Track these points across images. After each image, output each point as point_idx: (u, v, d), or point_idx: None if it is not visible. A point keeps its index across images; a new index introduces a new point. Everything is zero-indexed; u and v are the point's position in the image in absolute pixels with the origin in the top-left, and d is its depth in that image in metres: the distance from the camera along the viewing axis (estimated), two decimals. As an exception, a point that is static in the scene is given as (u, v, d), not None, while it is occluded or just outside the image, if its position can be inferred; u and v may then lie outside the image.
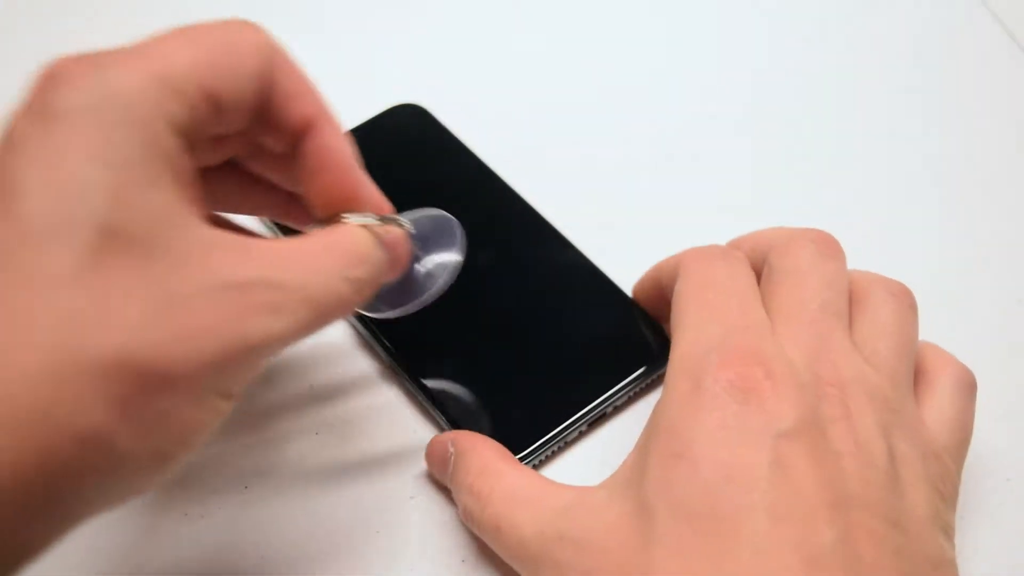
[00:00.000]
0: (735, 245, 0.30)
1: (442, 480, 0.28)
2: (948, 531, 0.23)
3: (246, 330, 0.19)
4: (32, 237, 0.17)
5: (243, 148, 0.25)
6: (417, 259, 0.27)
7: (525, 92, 0.42)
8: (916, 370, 0.26)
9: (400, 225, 0.25)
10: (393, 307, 0.27)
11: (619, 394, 0.30)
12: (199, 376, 0.18)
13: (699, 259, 0.27)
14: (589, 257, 0.34)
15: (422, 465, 0.29)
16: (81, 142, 0.18)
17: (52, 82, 0.19)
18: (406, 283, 0.27)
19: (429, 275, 0.27)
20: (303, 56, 0.24)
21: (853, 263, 0.28)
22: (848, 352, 0.24)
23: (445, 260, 0.27)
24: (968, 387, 0.26)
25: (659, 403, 0.24)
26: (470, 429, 0.28)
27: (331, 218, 0.24)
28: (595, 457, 0.30)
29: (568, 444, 0.30)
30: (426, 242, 0.27)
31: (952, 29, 0.45)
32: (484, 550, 0.27)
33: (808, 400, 0.22)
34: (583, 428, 0.30)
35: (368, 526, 0.28)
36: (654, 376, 0.31)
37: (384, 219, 0.24)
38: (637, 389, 0.31)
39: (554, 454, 0.30)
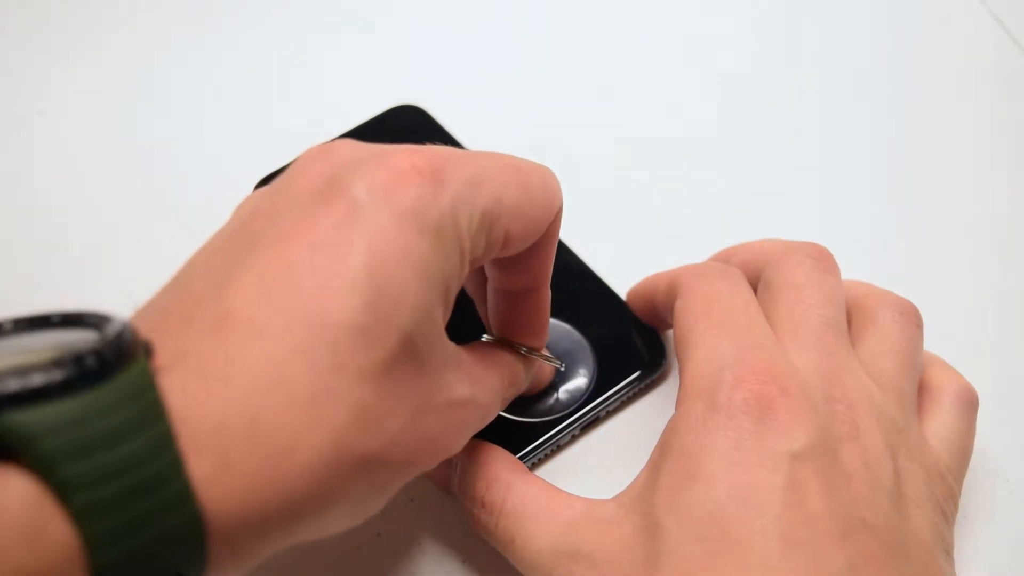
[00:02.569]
0: (725, 257, 0.30)
1: (445, 486, 0.28)
2: (949, 551, 0.23)
3: (452, 444, 0.22)
4: (353, 329, 0.18)
5: None
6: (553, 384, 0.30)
7: (524, 93, 0.42)
8: (920, 385, 0.26)
9: (553, 363, 0.28)
10: (518, 414, 0.30)
11: (613, 398, 0.30)
12: (408, 478, 0.21)
13: (698, 277, 0.27)
14: (585, 261, 0.34)
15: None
16: (410, 250, 0.19)
17: (412, 177, 0.19)
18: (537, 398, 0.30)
19: (558, 401, 0.30)
20: (306, 56, 0.24)
21: (851, 268, 0.28)
22: (854, 370, 0.24)
23: (577, 388, 0.30)
24: (971, 406, 0.26)
25: (672, 421, 0.24)
26: None
27: (500, 339, 0.26)
28: (589, 461, 0.30)
29: (561, 448, 0.30)
30: (563, 363, 0.30)
31: (952, 29, 0.45)
32: (484, 552, 0.28)
33: (820, 419, 0.22)
34: (576, 432, 0.30)
35: (368, 528, 0.28)
36: (648, 380, 0.31)
37: (544, 357, 0.27)
38: (632, 393, 0.31)
39: (547, 457, 0.30)
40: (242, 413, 0.17)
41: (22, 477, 0.15)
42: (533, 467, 0.29)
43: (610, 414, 0.31)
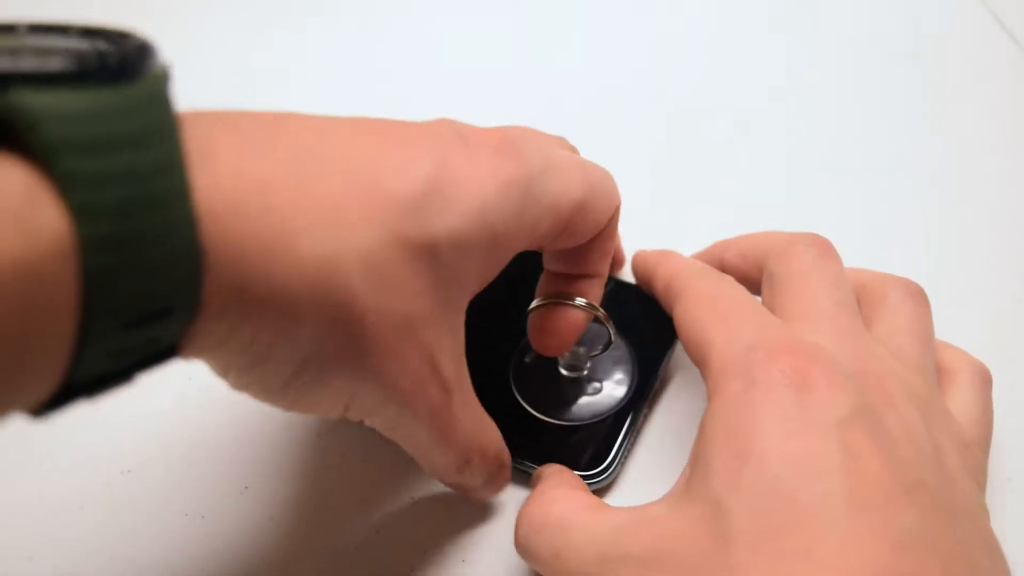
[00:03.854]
0: (722, 248, 0.30)
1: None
2: (988, 519, 0.24)
3: (408, 399, 0.22)
4: (400, 196, 0.20)
5: None
6: (589, 382, 0.30)
7: (521, 96, 0.42)
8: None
9: (610, 334, 0.29)
10: (528, 401, 0.30)
11: (662, 368, 0.31)
12: (363, 380, 0.21)
13: (697, 278, 0.27)
14: None
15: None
16: (486, 192, 0.21)
17: (505, 150, 0.22)
18: (574, 397, 0.30)
19: (591, 404, 0.30)
20: (311, 57, 0.24)
21: (853, 263, 0.28)
22: (874, 347, 0.24)
23: (621, 376, 0.30)
24: (987, 381, 0.27)
25: (709, 409, 0.23)
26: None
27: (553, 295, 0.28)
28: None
29: (638, 432, 0.30)
30: (603, 372, 0.31)
31: (952, 29, 0.45)
32: (484, 552, 0.27)
33: (857, 388, 0.22)
34: (646, 411, 0.30)
35: (368, 527, 0.28)
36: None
37: (599, 311, 0.28)
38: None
39: (632, 446, 0.30)
40: (266, 177, 0.18)
41: (24, 164, 0.14)
42: (627, 454, 0.29)
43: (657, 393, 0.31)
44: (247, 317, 0.18)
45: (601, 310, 0.28)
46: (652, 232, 0.37)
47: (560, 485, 0.25)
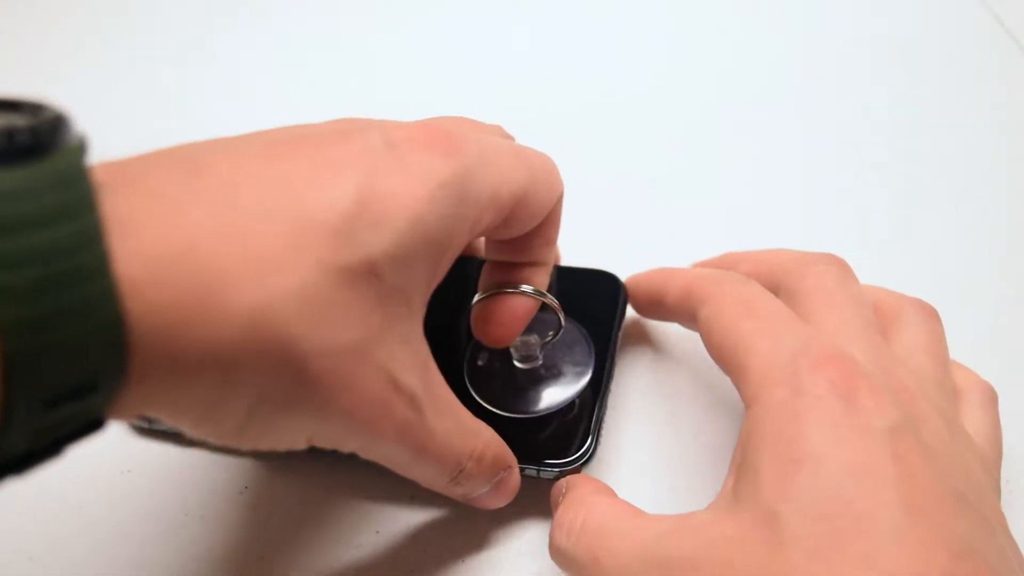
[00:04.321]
0: (732, 262, 0.30)
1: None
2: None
3: (373, 422, 0.21)
4: (327, 223, 0.19)
5: None
6: (547, 370, 0.29)
7: (515, 103, 0.42)
8: None
9: (558, 316, 0.28)
10: (493, 402, 0.29)
11: (618, 337, 0.31)
12: (319, 415, 0.20)
13: (722, 283, 0.27)
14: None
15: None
16: (416, 196, 0.20)
17: (430, 142, 0.21)
18: (528, 386, 0.29)
19: (555, 391, 0.29)
20: (310, 58, 0.24)
21: (859, 267, 0.28)
22: (901, 364, 0.25)
23: (580, 352, 0.30)
24: (995, 402, 0.27)
25: (752, 416, 0.23)
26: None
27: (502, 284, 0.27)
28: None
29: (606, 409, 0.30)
30: (559, 358, 0.30)
31: (952, 29, 0.45)
32: (484, 551, 0.27)
33: (897, 401, 0.22)
34: (611, 386, 0.30)
35: (368, 526, 0.28)
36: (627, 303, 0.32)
37: (549, 298, 0.27)
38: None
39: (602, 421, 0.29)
40: (187, 236, 0.17)
41: None
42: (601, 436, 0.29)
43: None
44: (183, 381, 0.17)
45: (549, 296, 0.27)
46: (653, 238, 0.37)
47: (597, 492, 0.25)
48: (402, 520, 0.28)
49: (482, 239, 0.29)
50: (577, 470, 0.28)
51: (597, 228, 0.36)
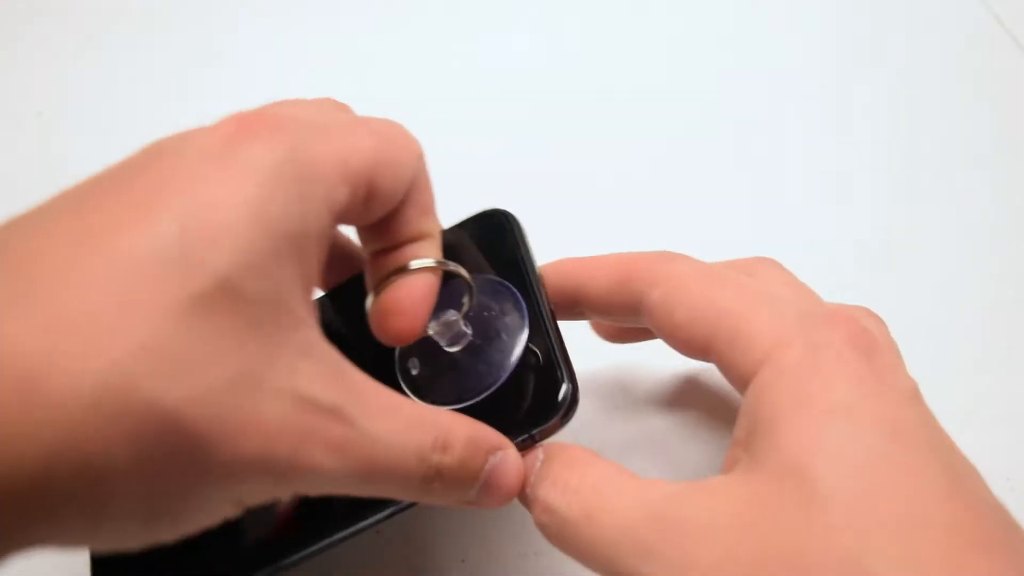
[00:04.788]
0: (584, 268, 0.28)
1: (521, 498, 0.24)
2: None
3: (299, 454, 0.18)
4: (154, 261, 0.16)
5: None
6: (483, 339, 0.26)
7: (494, 109, 0.42)
8: None
9: (463, 277, 0.24)
10: (450, 401, 0.25)
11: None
12: (229, 472, 0.17)
13: (666, 261, 0.25)
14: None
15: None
16: (246, 193, 0.18)
17: (244, 131, 0.19)
18: (465, 371, 0.26)
19: (503, 353, 0.26)
20: (312, 60, 0.24)
21: (849, 268, 0.28)
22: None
23: (509, 355, 0.26)
24: None
25: (762, 379, 0.22)
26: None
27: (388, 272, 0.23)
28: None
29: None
30: (488, 320, 0.26)
31: (952, 29, 0.45)
32: (483, 551, 0.27)
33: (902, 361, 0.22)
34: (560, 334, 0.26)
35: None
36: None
37: (444, 264, 0.24)
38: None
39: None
40: (7, 343, 0.15)
41: None
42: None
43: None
44: (36, 504, 0.15)
45: (446, 262, 0.24)
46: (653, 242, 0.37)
47: (590, 452, 0.23)
48: (401, 519, 0.28)
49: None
50: (572, 409, 0.25)
51: (598, 239, 0.36)
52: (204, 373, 0.16)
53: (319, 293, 0.28)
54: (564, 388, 0.25)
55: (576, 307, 0.27)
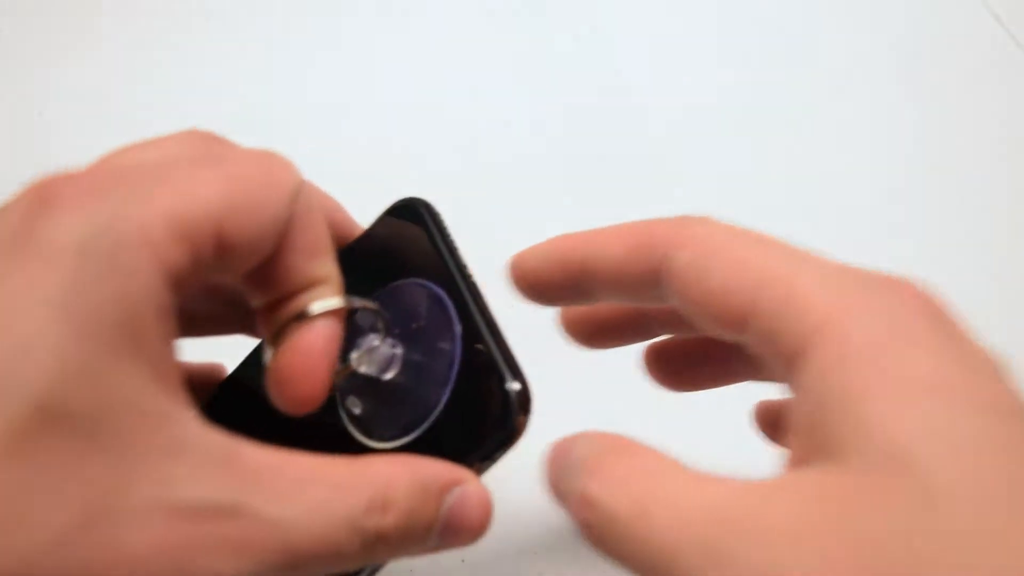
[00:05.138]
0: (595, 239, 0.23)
1: (555, 491, 0.21)
2: None
3: (188, 571, 0.15)
4: None
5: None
6: (418, 352, 0.23)
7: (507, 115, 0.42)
8: None
9: (370, 309, 0.21)
10: (399, 433, 0.23)
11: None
12: None
13: (689, 224, 0.22)
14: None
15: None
16: (49, 287, 0.15)
17: (43, 206, 0.16)
18: (399, 398, 0.23)
19: (436, 382, 0.23)
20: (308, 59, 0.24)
21: (852, 260, 0.28)
22: None
23: (451, 365, 0.23)
24: None
25: (830, 352, 0.18)
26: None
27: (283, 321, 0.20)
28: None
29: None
30: (417, 333, 0.24)
31: (952, 29, 0.45)
32: (483, 551, 0.27)
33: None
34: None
35: (368, 526, 0.28)
36: None
37: (347, 303, 0.20)
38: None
39: None
40: None
41: None
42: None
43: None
44: None
45: (344, 297, 0.21)
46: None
47: (628, 439, 0.20)
48: (402, 520, 0.28)
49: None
50: (527, 410, 0.22)
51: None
52: (38, 527, 0.14)
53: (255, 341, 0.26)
54: (512, 387, 0.22)
55: (580, 286, 0.23)
